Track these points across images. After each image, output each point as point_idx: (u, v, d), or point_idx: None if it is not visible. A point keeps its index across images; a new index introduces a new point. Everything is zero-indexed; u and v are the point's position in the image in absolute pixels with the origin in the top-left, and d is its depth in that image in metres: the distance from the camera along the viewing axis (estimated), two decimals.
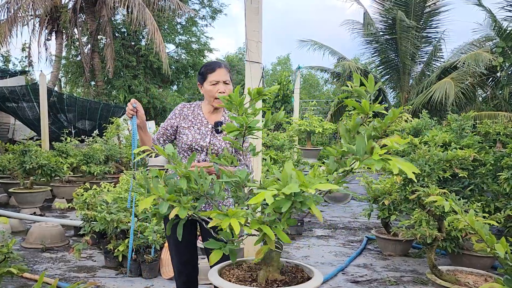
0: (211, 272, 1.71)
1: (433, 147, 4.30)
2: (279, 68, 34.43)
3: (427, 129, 6.88)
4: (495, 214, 4.18)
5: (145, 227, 3.98)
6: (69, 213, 7.01)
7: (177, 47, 19.84)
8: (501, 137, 6.63)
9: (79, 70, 18.62)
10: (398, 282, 3.98)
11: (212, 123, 2.45)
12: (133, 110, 2.34)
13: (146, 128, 2.44)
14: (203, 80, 2.44)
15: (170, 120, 2.48)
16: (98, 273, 4.08)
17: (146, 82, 17.85)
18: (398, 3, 13.98)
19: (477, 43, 13.65)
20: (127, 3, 14.80)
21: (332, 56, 15.30)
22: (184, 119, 2.46)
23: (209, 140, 2.40)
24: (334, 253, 4.96)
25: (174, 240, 2.45)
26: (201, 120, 2.45)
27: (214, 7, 20.55)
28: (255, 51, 3.85)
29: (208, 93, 2.43)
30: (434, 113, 12.09)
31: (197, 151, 2.40)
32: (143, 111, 2.40)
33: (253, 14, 3.81)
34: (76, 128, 12.65)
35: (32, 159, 6.93)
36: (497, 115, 10.93)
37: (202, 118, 2.46)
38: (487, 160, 4.68)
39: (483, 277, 3.28)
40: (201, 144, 2.39)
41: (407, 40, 13.66)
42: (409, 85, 14.64)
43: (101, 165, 8.23)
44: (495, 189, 4.57)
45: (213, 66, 2.45)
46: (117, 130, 10.24)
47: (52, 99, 11.90)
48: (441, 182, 4.58)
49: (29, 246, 4.92)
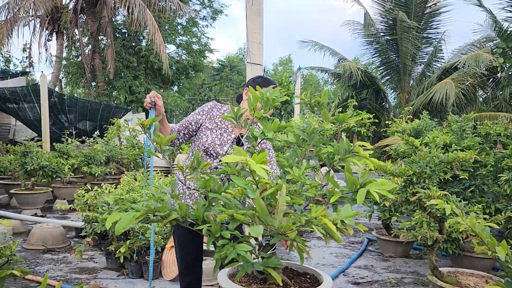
0: (221, 273, 1.71)
1: (433, 149, 4.31)
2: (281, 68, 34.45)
3: (428, 130, 6.89)
4: (495, 215, 4.18)
5: (146, 228, 3.99)
6: (70, 214, 7.02)
7: (177, 48, 19.87)
8: (501, 138, 6.64)
9: (79, 70, 18.65)
10: (399, 283, 3.99)
11: (237, 134, 2.35)
12: (151, 103, 2.28)
13: (165, 120, 2.36)
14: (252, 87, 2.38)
15: (197, 115, 2.39)
16: (99, 274, 4.09)
17: (146, 82, 17.87)
18: (398, 3, 13.99)
19: (478, 43, 13.65)
20: (128, 4, 14.82)
21: (333, 56, 15.31)
22: (210, 119, 2.36)
23: (226, 149, 2.32)
24: (335, 254, 4.97)
25: (179, 241, 2.46)
26: (226, 127, 2.36)
27: (215, 7, 20.60)
28: (256, 53, 3.86)
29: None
30: (434, 114, 12.09)
31: (211, 156, 2.32)
32: (162, 103, 2.33)
33: (254, 15, 3.82)
34: (77, 129, 12.66)
35: (33, 160, 6.94)
36: (497, 116, 10.92)
37: (228, 125, 2.36)
38: (488, 161, 4.69)
39: (484, 278, 3.29)
40: (217, 151, 2.31)
41: (407, 40, 13.66)
42: (409, 86, 14.64)
43: (102, 166, 8.24)
44: (496, 191, 4.58)
45: (268, 82, 2.38)
46: (118, 131, 10.25)
47: (53, 99, 11.92)
48: (442, 183, 4.58)
49: (31, 247, 4.93)
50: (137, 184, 4.98)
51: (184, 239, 2.44)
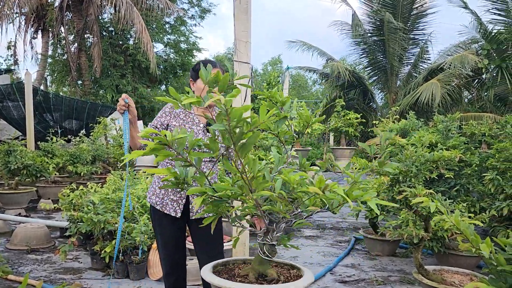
0: (205, 268, 1.70)
1: (420, 148, 4.35)
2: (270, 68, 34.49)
3: (414, 130, 6.95)
4: (480, 214, 4.23)
5: (132, 228, 3.95)
6: (55, 214, 6.92)
7: (165, 47, 19.75)
8: (486, 138, 6.73)
9: (65, 69, 18.40)
10: (386, 282, 4.01)
11: (204, 122, 2.43)
12: (125, 105, 2.30)
13: (137, 125, 2.41)
14: (196, 77, 2.41)
15: (160, 118, 2.43)
16: (84, 274, 4.03)
17: (134, 81, 17.72)
18: (386, 5, 14.12)
19: (463, 45, 13.86)
20: (115, 2, 14.66)
21: (321, 57, 15.39)
22: (175, 117, 2.42)
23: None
24: (323, 253, 4.98)
25: (163, 240, 2.43)
26: (192, 119, 2.43)
27: (203, 6, 20.51)
28: (243, 51, 3.84)
29: (199, 92, 2.41)
30: (421, 114, 12.23)
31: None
32: (134, 106, 2.36)
33: (242, 14, 3.80)
34: (63, 128, 12.49)
35: (17, 159, 6.82)
36: (482, 116, 11.10)
37: (193, 117, 2.44)
38: (473, 161, 4.74)
39: (468, 276, 3.33)
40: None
41: (394, 41, 13.79)
42: (396, 86, 14.79)
43: (88, 165, 8.14)
44: (480, 190, 4.64)
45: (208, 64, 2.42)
46: (105, 130, 10.14)
47: (38, 98, 11.72)
48: (427, 182, 4.62)
49: (14, 247, 4.84)
50: (123, 184, 4.93)
51: (167, 238, 2.41)
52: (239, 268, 1.79)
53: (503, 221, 4.34)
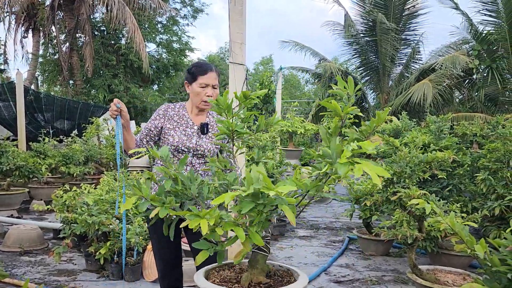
0: (198, 273, 1.70)
1: (413, 149, 4.39)
2: (261, 68, 34.49)
3: (407, 130, 7.01)
4: (472, 214, 4.29)
5: (127, 229, 3.94)
6: (48, 215, 6.86)
7: (158, 46, 19.68)
8: (477, 138, 6.82)
9: (56, 68, 18.24)
10: (380, 281, 4.05)
11: (198, 124, 2.44)
12: (117, 110, 2.30)
13: (130, 128, 2.41)
14: (192, 80, 2.41)
15: (154, 121, 2.44)
16: (79, 276, 4.01)
17: (126, 81, 17.63)
18: (378, 5, 14.20)
19: (454, 45, 13.99)
20: (107, 1, 14.58)
21: (314, 57, 15.44)
22: (169, 120, 2.43)
23: (195, 142, 2.39)
24: (317, 253, 5.01)
25: (158, 241, 2.43)
26: (186, 121, 2.44)
27: (196, 6, 20.48)
28: (238, 53, 3.85)
29: (195, 95, 2.41)
30: (413, 114, 12.33)
31: (182, 152, 2.39)
32: (127, 111, 2.36)
33: (237, 15, 3.81)
34: (55, 128, 12.39)
35: (9, 160, 6.76)
36: (473, 117, 11.22)
37: (187, 119, 2.45)
38: (465, 161, 4.80)
39: (461, 275, 3.37)
40: (188, 146, 2.38)
41: (386, 42, 13.88)
42: (388, 87, 14.89)
43: (81, 166, 8.09)
44: (472, 190, 4.70)
45: (205, 68, 2.41)
46: (97, 130, 10.09)
47: (29, 98, 11.61)
48: (420, 183, 4.67)
49: (7, 249, 4.80)
50: (117, 185, 4.91)
51: (162, 240, 2.42)
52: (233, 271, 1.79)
53: (494, 221, 4.40)
